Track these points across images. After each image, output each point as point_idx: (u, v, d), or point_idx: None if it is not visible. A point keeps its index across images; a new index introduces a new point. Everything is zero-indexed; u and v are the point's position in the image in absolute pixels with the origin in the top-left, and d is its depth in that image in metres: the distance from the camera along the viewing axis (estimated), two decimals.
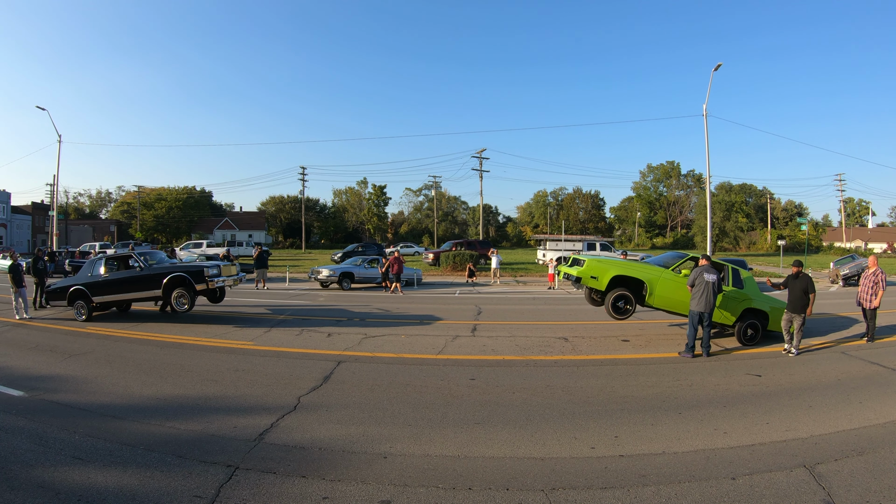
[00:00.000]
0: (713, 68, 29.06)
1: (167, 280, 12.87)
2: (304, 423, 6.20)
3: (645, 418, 6.51)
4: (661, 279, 10.96)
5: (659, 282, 10.94)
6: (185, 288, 12.71)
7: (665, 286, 10.95)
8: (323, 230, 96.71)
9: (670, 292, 10.95)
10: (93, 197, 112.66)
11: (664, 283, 10.95)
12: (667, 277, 11.00)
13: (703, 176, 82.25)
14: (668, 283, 10.97)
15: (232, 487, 4.48)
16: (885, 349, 10.73)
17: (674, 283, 10.97)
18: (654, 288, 10.86)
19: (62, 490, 4.37)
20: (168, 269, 13.16)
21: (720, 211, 67.17)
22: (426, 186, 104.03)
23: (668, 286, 10.96)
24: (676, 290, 10.90)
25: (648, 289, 10.82)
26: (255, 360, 9.46)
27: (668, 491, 4.51)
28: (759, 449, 5.50)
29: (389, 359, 9.73)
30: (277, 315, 15.09)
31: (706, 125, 30.24)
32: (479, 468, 4.97)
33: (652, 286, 10.87)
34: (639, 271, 11.07)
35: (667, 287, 10.95)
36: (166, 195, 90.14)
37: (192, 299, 12.71)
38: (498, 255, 29.71)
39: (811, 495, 4.43)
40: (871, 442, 5.73)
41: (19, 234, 73.78)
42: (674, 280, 10.98)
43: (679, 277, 10.96)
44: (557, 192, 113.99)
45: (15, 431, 5.74)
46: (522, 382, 8.18)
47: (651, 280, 10.90)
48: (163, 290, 12.92)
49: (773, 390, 7.86)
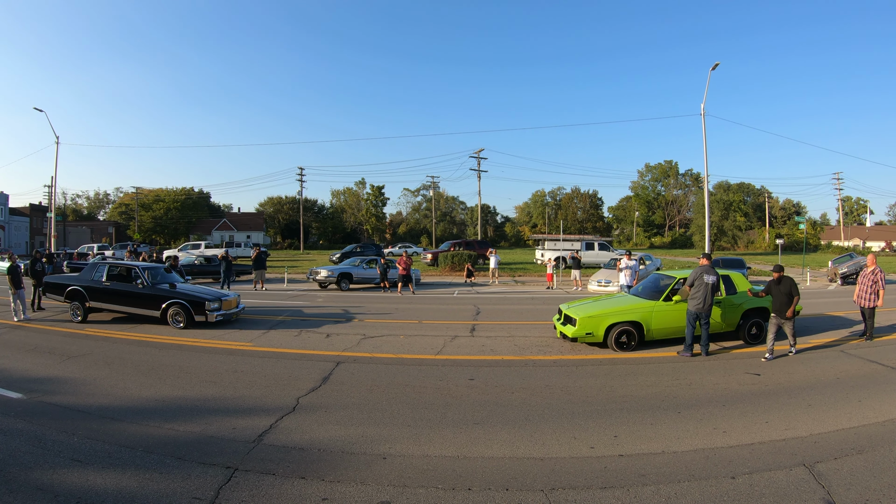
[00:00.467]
0: (711, 67, 29.09)
1: (166, 305, 12.88)
2: (303, 424, 6.20)
3: (644, 418, 6.51)
4: (655, 313, 10.80)
5: (653, 317, 10.76)
6: (183, 309, 12.74)
7: (661, 318, 10.81)
8: (321, 231, 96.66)
9: (667, 323, 10.78)
10: (91, 198, 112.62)
11: (659, 316, 10.81)
12: (660, 309, 10.83)
13: (701, 175, 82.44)
14: (663, 314, 10.83)
15: (231, 489, 4.47)
16: (883, 347, 10.74)
17: (668, 313, 10.84)
18: (650, 325, 10.68)
19: (61, 492, 4.36)
20: (170, 294, 13.07)
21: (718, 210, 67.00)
22: (424, 187, 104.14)
23: (664, 317, 10.82)
24: (673, 318, 10.79)
25: (645, 328, 10.66)
26: (253, 362, 9.44)
27: (667, 490, 4.51)
28: (758, 448, 5.51)
29: (388, 359, 9.73)
30: (276, 316, 15.07)
31: (704, 124, 30.27)
32: (479, 468, 4.97)
33: (648, 324, 10.68)
34: (631, 313, 10.76)
35: (663, 319, 10.78)
36: (164, 196, 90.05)
37: (188, 320, 12.72)
38: (496, 255, 29.68)
39: (811, 494, 4.43)
40: (870, 440, 5.73)
41: (17, 236, 73.68)
42: (667, 310, 10.84)
43: (672, 305, 10.83)
44: (555, 191, 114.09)
45: (14, 434, 5.72)
46: (521, 382, 8.17)
47: (645, 318, 10.69)
48: (161, 312, 12.93)
49: (773, 389, 7.86)
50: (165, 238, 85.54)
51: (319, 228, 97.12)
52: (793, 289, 9.81)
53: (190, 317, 12.71)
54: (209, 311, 12.73)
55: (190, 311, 12.72)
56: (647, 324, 10.64)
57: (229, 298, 13.71)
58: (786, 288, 9.82)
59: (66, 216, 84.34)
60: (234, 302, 14.00)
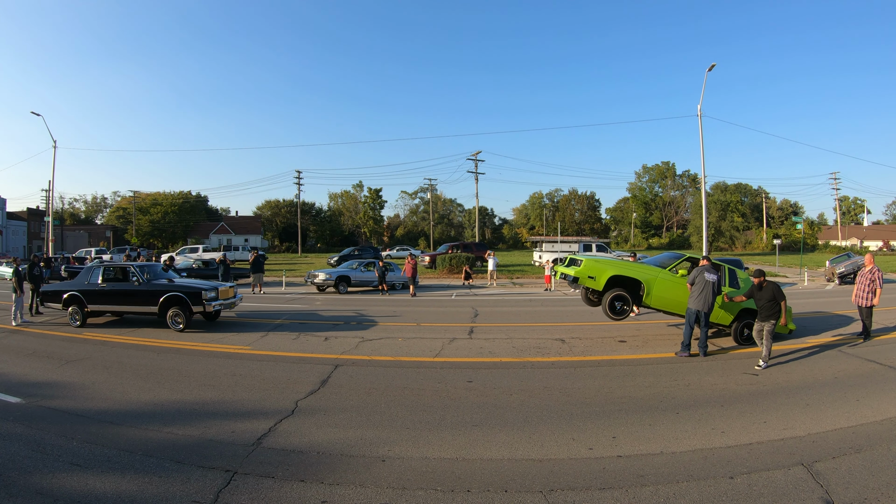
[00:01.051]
0: (707, 69, 29.16)
1: (164, 299, 12.86)
2: (302, 427, 6.20)
3: (642, 419, 6.52)
4: (659, 279, 10.94)
5: (656, 282, 10.91)
6: (181, 307, 12.71)
7: (662, 286, 10.92)
8: (319, 234, 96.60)
9: (668, 292, 10.92)
10: (88, 202, 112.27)
11: (662, 284, 10.93)
12: (664, 278, 10.97)
13: (698, 176, 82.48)
14: (666, 283, 10.95)
15: (230, 492, 4.47)
16: (881, 347, 10.78)
17: (671, 284, 10.94)
18: (651, 288, 10.83)
19: (60, 497, 4.36)
20: (166, 288, 13.09)
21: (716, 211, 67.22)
22: (422, 189, 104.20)
23: (666, 286, 10.93)
24: (674, 290, 10.88)
25: (646, 289, 10.79)
26: (252, 365, 9.44)
27: (666, 491, 4.52)
28: (756, 448, 5.52)
29: (387, 362, 9.73)
30: (274, 319, 15.06)
31: (701, 125, 30.30)
32: (478, 470, 4.97)
33: (649, 286, 10.84)
34: (636, 271, 11.05)
35: (664, 287, 10.92)
36: (162, 200, 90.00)
37: (187, 319, 12.69)
38: (494, 258, 29.73)
39: (809, 493, 4.44)
40: (868, 439, 5.75)
41: (15, 241, 73.54)
42: (671, 280, 10.96)
43: (676, 278, 10.94)
44: (553, 193, 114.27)
45: (13, 438, 5.71)
46: (520, 384, 8.18)
47: (648, 280, 10.86)
48: (159, 308, 12.90)
49: (771, 389, 7.88)
50: (163, 242, 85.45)
51: (317, 232, 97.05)
52: (776, 294, 9.41)
53: (188, 311, 12.69)
54: (206, 301, 12.73)
55: (188, 304, 12.69)
56: (649, 286, 10.74)
57: (225, 287, 13.79)
58: (768, 294, 9.45)
59: (64, 220, 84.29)
60: (231, 291, 14.08)
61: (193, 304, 12.74)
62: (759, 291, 9.64)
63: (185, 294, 12.81)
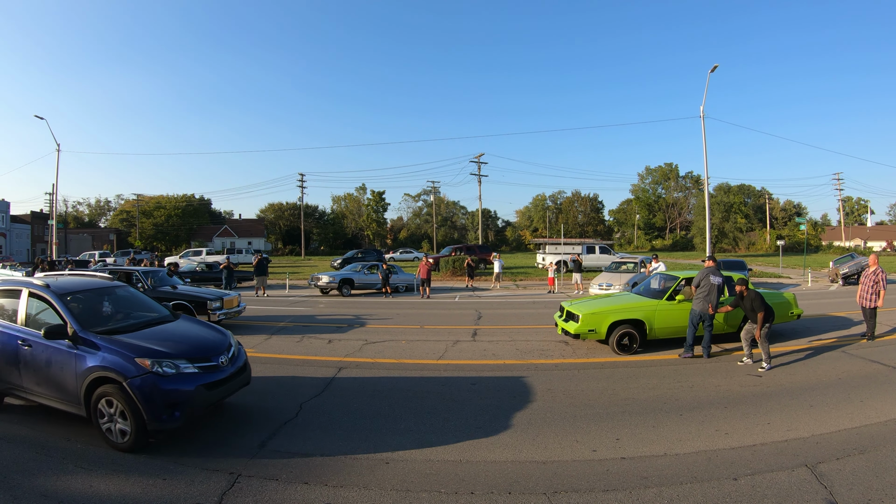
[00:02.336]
0: (710, 70, 29.12)
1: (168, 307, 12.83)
2: (305, 429, 6.21)
3: (646, 420, 6.52)
4: (658, 312, 10.79)
5: (656, 315, 10.76)
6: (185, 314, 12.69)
7: (663, 318, 10.79)
8: (322, 237, 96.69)
9: (671, 322, 10.75)
10: (92, 206, 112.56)
11: (662, 315, 10.80)
12: (663, 308, 10.84)
13: (701, 177, 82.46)
14: (666, 313, 10.83)
15: (234, 495, 4.48)
16: (885, 347, 10.74)
17: (672, 313, 10.83)
18: (653, 324, 10.66)
19: (64, 498, 4.38)
20: (171, 296, 13.15)
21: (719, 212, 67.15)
22: (425, 192, 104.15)
23: (667, 316, 10.81)
24: (676, 318, 10.77)
25: (648, 326, 10.65)
26: (256, 368, 9.41)
27: (670, 493, 4.52)
28: (760, 449, 5.51)
29: (390, 364, 9.74)
30: (278, 322, 15.08)
31: (703, 127, 30.26)
32: (481, 473, 4.98)
33: (651, 323, 10.67)
34: (634, 311, 10.78)
35: (666, 318, 10.77)
36: (165, 203, 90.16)
37: None
38: (500, 260, 29.73)
39: (813, 495, 4.44)
40: (872, 440, 5.74)
41: (18, 244, 73.72)
42: (671, 309, 10.84)
43: (675, 305, 10.82)
44: (556, 195, 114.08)
45: (17, 440, 5.74)
46: (523, 387, 8.18)
47: (648, 317, 10.68)
48: None
49: (774, 390, 7.86)
50: (166, 245, 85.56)
51: (320, 234, 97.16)
52: (755, 304, 9.25)
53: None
54: (211, 311, 12.75)
55: (192, 312, 12.73)
56: (650, 322, 10.63)
57: (230, 297, 13.81)
58: (748, 305, 9.37)
59: (68, 223, 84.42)
60: (236, 301, 14.12)
61: (198, 313, 12.79)
62: (742, 300, 9.55)
63: (190, 303, 12.85)
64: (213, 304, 12.83)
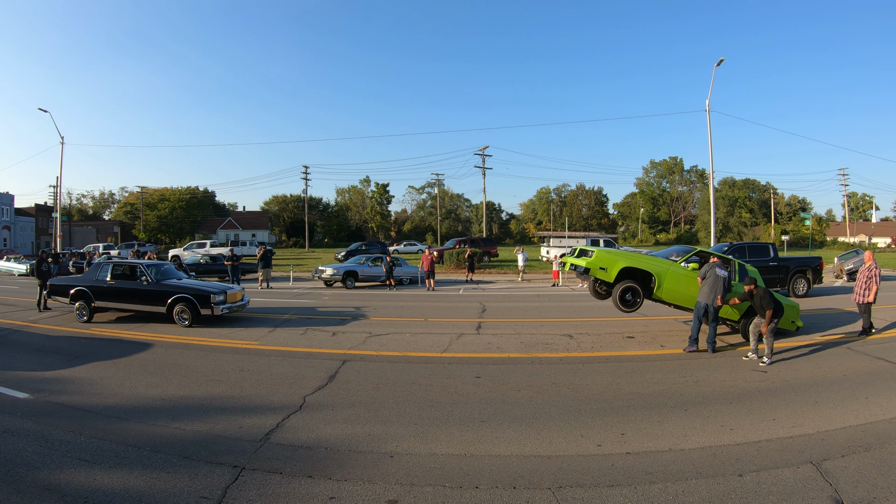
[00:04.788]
0: (715, 64, 28.96)
1: (172, 300, 12.93)
2: (309, 422, 6.21)
3: (651, 415, 6.49)
4: (670, 272, 10.86)
5: (668, 275, 10.82)
6: (189, 307, 12.79)
7: (673, 279, 10.82)
8: (326, 229, 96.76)
9: (679, 286, 10.82)
10: (96, 198, 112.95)
11: (673, 277, 10.83)
12: (675, 271, 10.89)
13: (706, 171, 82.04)
14: (677, 276, 10.85)
15: (238, 488, 4.48)
16: (890, 344, 10.68)
17: (682, 277, 10.84)
18: (662, 281, 10.74)
19: (68, 492, 4.38)
20: (174, 289, 13.14)
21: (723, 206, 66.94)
22: (429, 184, 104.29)
23: (677, 279, 10.83)
24: (685, 283, 10.78)
25: (657, 281, 10.70)
26: (259, 360, 9.46)
27: (674, 488, 4.50)
28: (765, 445, 5.49)
29: (394, 357, 9.74)
30: (282, 314, 15.10)
31: (709, 120, 30.12)
32: (486, 467, 4.97)
33: (660, 279, 10.75)
34: (647, 264, 10.97)
35: (675, 280, 10.82)
36: (169, 195, 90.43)
37: (193, 317, 12.77)
38: (524, 253, 29.81)
39: (818, 491, 4.41)
40: (877, 437, 5.70)
41: (23, 237, 73.98)
42: (682, 274, 10.85)
43: (687, 272, 10.86)
44: (560, 188, 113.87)
45: (20, 434, 5.75)
46: (528, 380, 8.17)
47: (660, 273, 10.78)
48: (166, 308, 12.99)
49: (779, 386, 7.83)
50: (171, 237, 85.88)
51: (324, 227, 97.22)
52: (764, 301, 9.20)
53: (196, 312, 12.76)
54: (215, 305, 12.76)
55: (196, 305, 12.76)
56: (660, 279, 10.68)
57: (234, 291, 13.81)
58: (758, 302, 9.32)
59: (72, 216, 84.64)
60: (239, 294, 14.10)
61: (202, 306, 12.79)
62: (750, 298, 9.54)
63: (193, 296, 12.86)
64: (217, 298, 12.82)
